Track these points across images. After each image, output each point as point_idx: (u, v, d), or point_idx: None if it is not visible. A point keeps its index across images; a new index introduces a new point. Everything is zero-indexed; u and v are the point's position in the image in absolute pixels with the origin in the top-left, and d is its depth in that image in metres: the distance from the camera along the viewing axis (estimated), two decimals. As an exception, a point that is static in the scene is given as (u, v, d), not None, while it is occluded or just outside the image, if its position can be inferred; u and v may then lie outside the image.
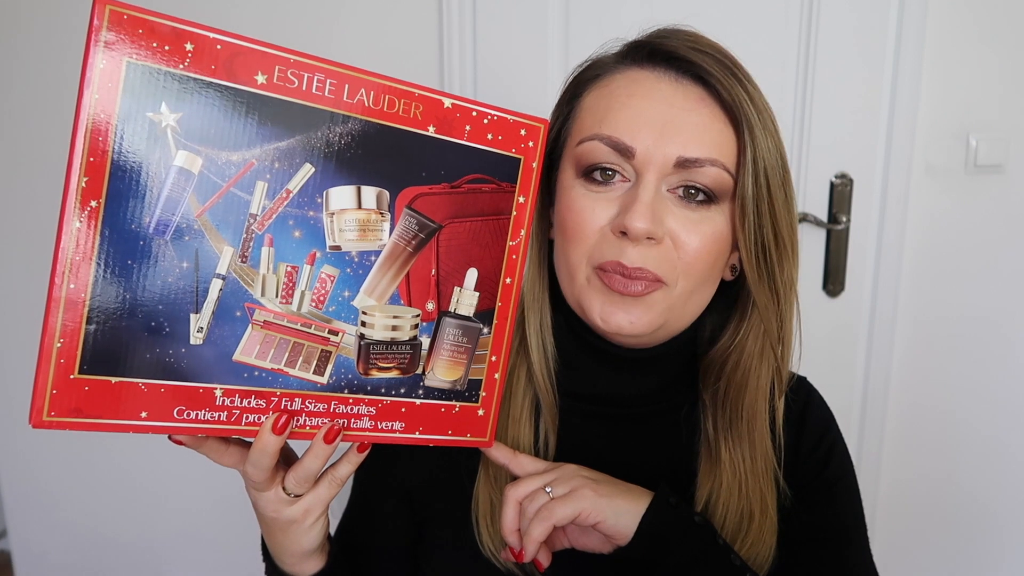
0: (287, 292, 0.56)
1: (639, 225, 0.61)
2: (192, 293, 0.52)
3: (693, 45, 0.64)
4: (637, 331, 0.65)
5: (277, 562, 0.68)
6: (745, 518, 0.71)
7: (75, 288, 0.49)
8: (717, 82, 0.63)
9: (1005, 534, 1.51)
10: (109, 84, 0.47)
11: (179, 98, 0.49)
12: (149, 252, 0.50)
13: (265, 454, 0.57)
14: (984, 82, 1.35)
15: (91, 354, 0.50)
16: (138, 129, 0.49)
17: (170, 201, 0.50)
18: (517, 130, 0.62)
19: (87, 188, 0.48)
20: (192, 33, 0.49)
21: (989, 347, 1.44)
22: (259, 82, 0.52)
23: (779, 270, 0.67)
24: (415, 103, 0.57)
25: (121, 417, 0.52)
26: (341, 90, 0.54)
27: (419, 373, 0.62)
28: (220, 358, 0.54)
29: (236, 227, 0.53)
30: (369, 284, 0.59)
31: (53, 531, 1.67)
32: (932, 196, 1.39)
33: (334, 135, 0.55)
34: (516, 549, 0.65)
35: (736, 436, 0.71)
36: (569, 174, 0.67)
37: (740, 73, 0.64)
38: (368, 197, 0.57)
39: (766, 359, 0.70)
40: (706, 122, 0.63)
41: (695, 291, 0.67)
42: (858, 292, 1.42)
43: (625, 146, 0.63)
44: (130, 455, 1.59)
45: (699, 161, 0.63)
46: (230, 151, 0.52)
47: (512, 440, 0.72)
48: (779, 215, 0.65)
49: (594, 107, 0.67)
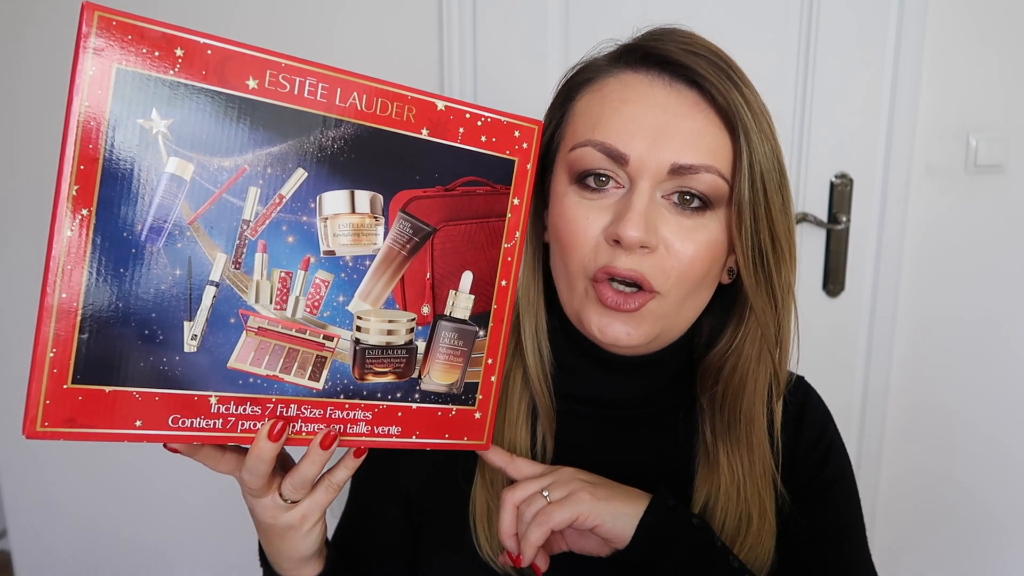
0: (281, 298, 0.55)
1: (632, 234, 0.60)
2: (185, 300, 0.52)
3: (687, 48, 0.63)
4: (634, 342, 0.65)
5: (275, 567, 0.67)
6: (743, 521, 0.71)
7: (67, 297, 0.48)
8: (712, 86, 0.62)
9: (1005, 533, 1.50)
10: (99, 90, 0.47)
11: (170, 104, 0.49)
12: (141, 260, 0.50)
13: (261, 461, 0.57)
14: (984, 82, 1.35)
15: (84, 363, 0.50)
16: (129, 136, 0.48)
17: (162, 208, 0.50)
18: (511, 132, 0.61)
19: (78, 196, 0.48)
20: (182, 38, 0.49)
21: (989, 347, 1.44)
22: (250, 87, 0.51)
23: (777, 275, 0.66)
24: (408, 106, 0.57)
25: (115, 426, 0.52)
26: (333, 94, 0.54)
27: (415, 377, 0.62)
28: (215, 365, 0.54)
29: (229, 233, 0.53)
30: (364, 289, 0.58)
31: (53, 531, 1.67)
32: (932, 196, 1.39)
33: (327, 139, 0.54)
34: (514, 553, 0.65)
35: (734, 440, 0.71)
36: (562, 180, 0.67)
37: (736, 76, 0.63)
38: (362, 201, 0.57)
39: (763, 363, 0.70)
40: (701, 128, 0.62)
41: (688, 298, 0.66)
42: (858, 292, 1.41)
43: (619, 153, 0.62)
44: (130, 455, 1.59)
45: (694, 168, 0.62)
46: (222, 157, 0.51)
47: (509, 444, 0.71)
48: (776, 220, 0.64)
49: (587, 112, 0.66)
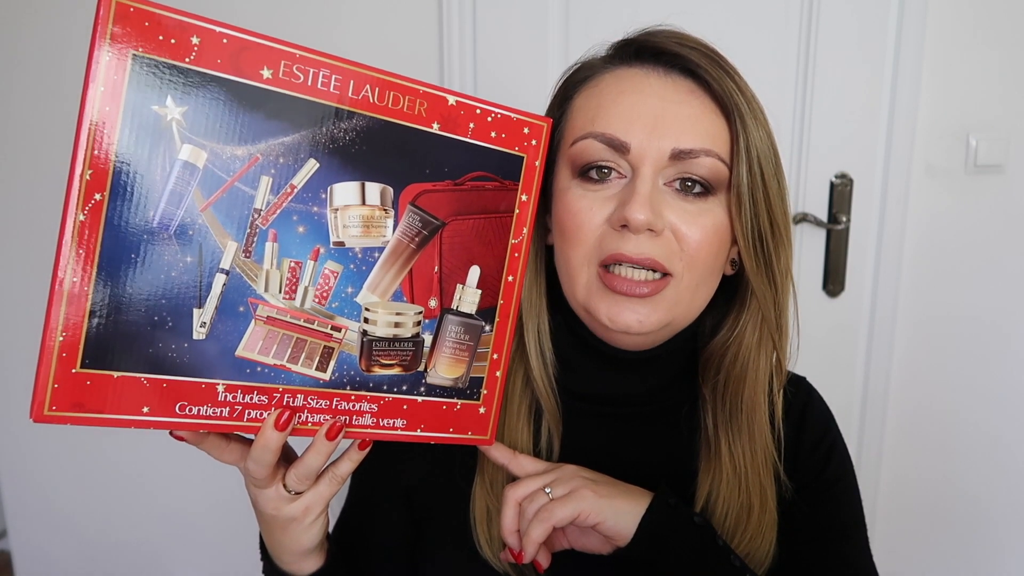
0: (290, 288, 0.55)
1: (639, 216, 0.61)
2: (195, 288, 0.52)
3: (679, 41, 0.65)
4: (646, 329, 0.65)
5: (276, 560, 0.67)
6: (744, 512, 0.71)
7: (78, 282, 0.48)
8: (706, 73, 0.64)
9: (1004, 534, 1.51)
10: (115, 77, 0.47)
11: (184, 92, 0.49)
12: (153, 246, 0.50)
13: (267, 451, 0.57)
14: (984, 82, 1.35)
15: (93, 348, 0.50)
16: (143, 123, 0.48)
17: (174, 195, 0.50)
18: (520, 128, 0.62)
19: (91, 181, 0.48)
20: (198, 27, 0.49)
21: (989, 347, 1.44)
22: (265, 77, 0.51)
23: (776, 258, 0.67)
24: (420, 100, 0.57)
25: (123, 412, 0.51)
26: (346, 86, 0.54)
27: (421, 370, 0.62)
28: (223, 353, 0.54)
29: (240, 222, 0.53)
30: (372, 280, 0.58)
31: (53, 531, 1.66)
32: (932, 196, 1.39)
33: (339, 131, 0.54)
34: (515, 550, 0.65)
35: (736, 429, 0.71)
36: (565, 176, 0.67)
37: (727, 65, 0.65)
38: (372, 193, 0.57)
39: (764, 350, 0.70)
40: (698, 113, 0.64)
41: (701, 284, 0.67)
42: (858, 292, 1.42)
43: (619, 142, 0.63)
44: (130, 455, 1.58)
45: (694, 152, 0.63)
46: (235, 146, 0.51)
47: (510, 443, 0.71)
48: (774, 203, 0.66)
49: (585, 107, 0.67)
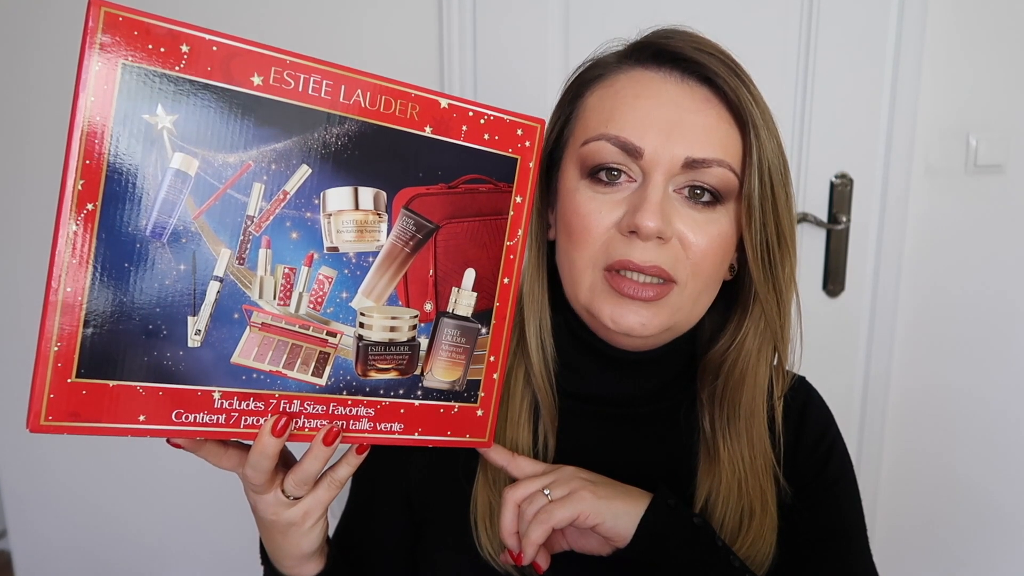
0: (285, 294, 0.56)
1: (650, 224, 0.61)
2: (189, 295, 0.52)
3: (697, 46, 0.65)
4: (648, 332, 0.65)
5: (276, 565, 0.67)
6: (745, 516, 0.71)
7: (72, 292, 0.49)
8: (724, 83, 0.63)
9: (1005, 534, 1.50)
10: (105, 86, 0.47)
11: (175, 100, 0.49)
12: (146, 255, 0.50)
13: (264, 456, 0.57)
14: (984, 82, 1.35)
15: (88, 358, 0.50)
16: (134, 131, 0.48)
17: (166, 203, 0.50)
18: (514, 130, 0.61)
19: (83, 191, 0.48)
20: (188, 35, 0.49)
21: (989, 347, 1.44)
22: (255, 83, 0.51)
23: (781, 268, 0.67)
24: (411, 103, 0.57)
25: (119, 421, 0.52)
26: (337, 91, 0.54)
27: (418, 374, 0.62)
28: (218, 360, 0.54)
29: (233, 229, 0.53)
30: (367, 285, 0.58)
31: (53, 531, 1.67)
32: (932, 196, 1.39)
33: (331, 136, 0.54)
34: (515, 551, 0.65)
35: (734, 434, 0.71)
36: (572, 175, 0.67)
37: (743, 74, 0.65)
38: (365, 198, 0.57)
39: (764, 356, 0.70)
40: (713, 123, 0.64)
41: (703, 292, 0.67)
42: (858, 292, 1.41)
43: (633, 146, 0.63)
44: (131, 455, 1.59)
45: (707, 162, 0.63)
46: (226, 153, 0.51)
47: (511, 442, 0.71)
48: (782, 214, 0.66)
49: (599, 107, 0.67)
